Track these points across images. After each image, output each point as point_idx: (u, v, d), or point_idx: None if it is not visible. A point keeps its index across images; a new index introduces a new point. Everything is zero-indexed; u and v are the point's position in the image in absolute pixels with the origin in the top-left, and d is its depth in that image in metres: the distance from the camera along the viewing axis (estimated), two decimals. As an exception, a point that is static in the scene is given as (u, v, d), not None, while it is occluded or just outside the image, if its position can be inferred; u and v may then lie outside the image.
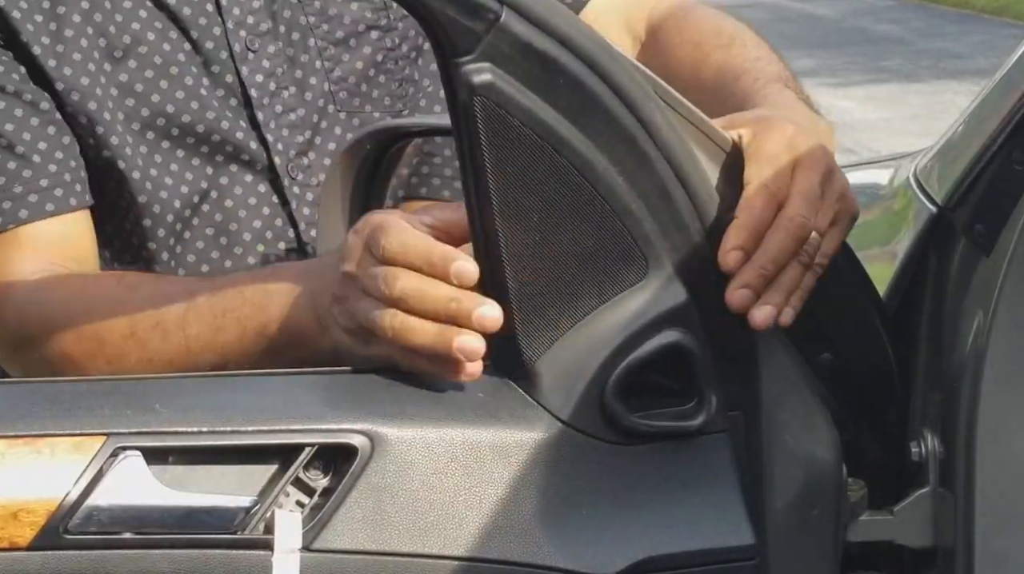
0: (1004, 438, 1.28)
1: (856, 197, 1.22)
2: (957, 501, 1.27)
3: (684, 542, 1.12)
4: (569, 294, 1.12)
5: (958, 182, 1.38)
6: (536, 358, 1.12)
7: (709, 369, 1.13)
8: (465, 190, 1.09)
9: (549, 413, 1.12)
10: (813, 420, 1.26)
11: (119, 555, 1.04)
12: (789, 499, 1.22)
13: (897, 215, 1.71)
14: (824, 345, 1.28)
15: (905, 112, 8.90)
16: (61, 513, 1.03)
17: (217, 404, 1.09)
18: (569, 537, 1.10)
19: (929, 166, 1.62)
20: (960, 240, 1.36)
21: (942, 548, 1.30)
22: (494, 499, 1.09)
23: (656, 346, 1.12)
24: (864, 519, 1.29)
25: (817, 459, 1.25)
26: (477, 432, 1.10)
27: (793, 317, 1.14)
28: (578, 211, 1.10)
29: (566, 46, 1.07)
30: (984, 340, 1.25)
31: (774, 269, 1.13)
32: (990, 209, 1.32)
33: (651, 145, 1.11)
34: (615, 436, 1.12)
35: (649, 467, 1.13)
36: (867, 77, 10.35)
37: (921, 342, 1.37)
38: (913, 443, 1.30)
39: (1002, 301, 1.24)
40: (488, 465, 1.10)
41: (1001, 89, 1.49)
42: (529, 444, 1.11)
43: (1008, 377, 1.27)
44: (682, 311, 1.12)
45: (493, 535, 1.09)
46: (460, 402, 1.12)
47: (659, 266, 1.12)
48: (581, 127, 1.09)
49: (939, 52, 11.36)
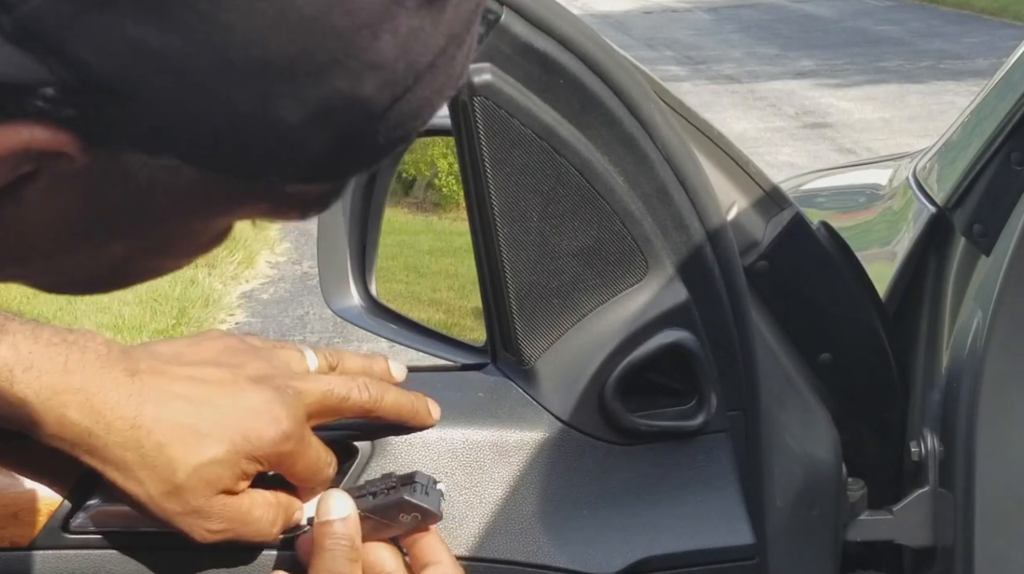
0: (1004, 438, 1.28)
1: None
2: (957, 501, 1.27)
3: (684, 542, 1.12)
4: (569, 294, 1.12)
5: (957, 182, 1.39)
6: (536, 358, 1.12)
7: (709, 369, 1.13)
8: (465, 190, 1.10)
9: (549, 413, 1.12)
10: (813, 420, 1.26)
11: (119, 555, 1.04)
12: (789, 499, 1.22)
13: (897, 215, 1.71)
14: (824, 345, 1.28)
15: (904, 112, 8.91)
16: (61, 513, 1.03)
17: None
18: (569, 537, 1.10)
19: (929, 166, 1.62)
20: (959, 240, 1.36)
21: (942, 548, 1.30)
22: (494, 499, 1.09)
23: (656, 346, 1.12)
24: (864, 519, 1.29)
25: (817, 459, 1.25)
26: (477, 432, 1.10)
27: None
28: (578, 211, 1.10)
29: (566, 46, 1.07)
30: (984, 340, 1.25)
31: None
32: (989, 209, 1.32)
33: (651, 145, 1.11)
34: (615, 436, 1.12)
35: (649, 467, 1.13)
36: (866, 77, 10.36)
37: (921, 342, 1.37)
38: (913, 443, 1.30)
39: (1001, 301, 1.24)
40: (488, 465, 1.10)
41: (1001, 89, 1.50)
42: (529, 444, 1.11)
43: (1008, 377, 1.27)
44: (682, 311, 1.12)
45: (493, 535, 1.09)
46: (460, 402, 1.12)
47: (659, 266, 1.12)
48: (581, 127, 1.09)
49: (938, 53, 11.36)
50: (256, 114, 0.49)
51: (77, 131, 0.48)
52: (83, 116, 0.48)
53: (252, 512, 0.99)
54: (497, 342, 1.15)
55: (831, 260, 1.26)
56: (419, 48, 0.51)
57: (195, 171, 0.50)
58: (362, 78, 0.50)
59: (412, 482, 1.02)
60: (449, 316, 4.47)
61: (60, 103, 0.47)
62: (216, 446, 0.96)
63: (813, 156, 7.48)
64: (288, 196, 0.54)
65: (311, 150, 0.51)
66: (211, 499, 0.97)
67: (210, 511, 0.97)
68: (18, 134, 0.48)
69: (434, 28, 0.51)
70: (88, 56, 0.47)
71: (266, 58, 0.48)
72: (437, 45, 0.52)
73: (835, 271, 1.26)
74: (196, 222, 0.56)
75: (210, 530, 0.98)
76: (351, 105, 0.50)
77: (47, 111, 0.48)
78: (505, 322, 1.11)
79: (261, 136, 0.50)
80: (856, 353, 1.29)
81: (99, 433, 0.94)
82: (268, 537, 1.00)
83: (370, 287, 1.46)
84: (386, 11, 0.49)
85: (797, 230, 1.25)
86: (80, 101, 0.48)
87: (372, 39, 0.49)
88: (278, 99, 0.49)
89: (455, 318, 4.44)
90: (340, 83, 0.50)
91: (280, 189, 0.53)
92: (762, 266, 1.24)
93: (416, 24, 0.50)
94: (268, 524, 1.00)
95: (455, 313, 4.52)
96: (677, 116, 1.17)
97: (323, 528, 1.00)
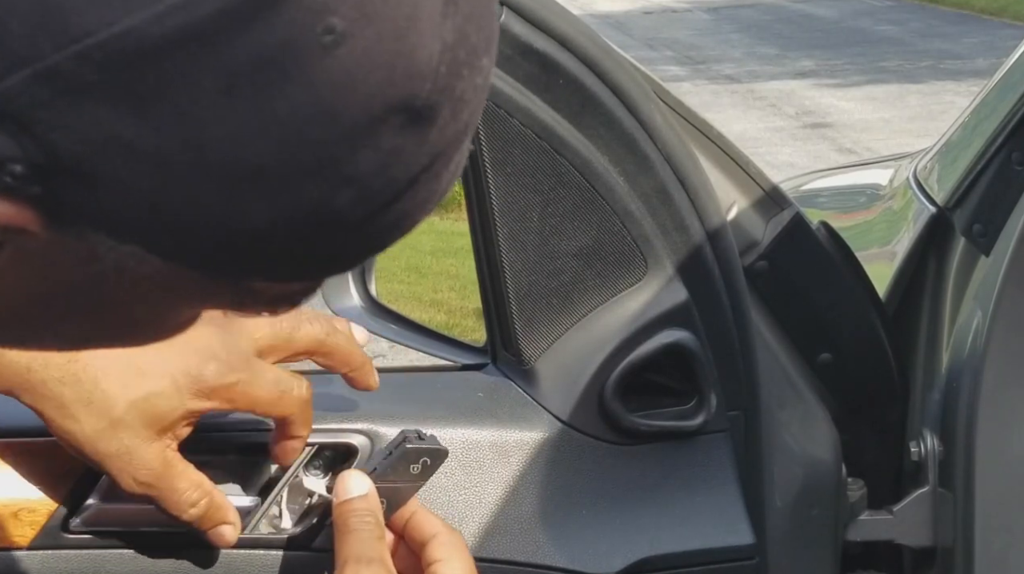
0: (1004, 438, 1.28)
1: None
2: (956, 501, 1.27)
3: (684, 542, 1.12)
4: (569, 294, 1.12)
5: (958, 182, 1.39)
6: (536, 358, 1.12)
7: (709, 369, 1.13)
8: (465, 190, 1.10)
9: (549, 413, 1.12)
10: (813, 420, 1.26)
11: (119, 555, 1.04)
12: (789, 499, 1.22)
13: (897, 215, 1.71)
14: (824, 345, 1.28)
15: (904, 112, 8.91)
16: (61, 513, 1.03)
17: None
18: (569, 537, 1.10)
19: (929, 166, 1.62)
20: (959, 240, 1.36)
21: (941, 547, 1.30)
22: (494, 499, 1.09)
23: (656, 346, 1.12)
24: (864, 519, 1.29)
25: (817, 459, 1.25)
26: (477, 432, 1.10)
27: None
28: (578, 211, 1.10)
29: (565, 46, 1.07)
30: (983, 340, 1.25)
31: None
32: (989, 209, 1.32)
33: (651, 145, 1.11)
34: (615, 436, 1.12)
35: (649, 467, 1.13)
36: (866, 78, 10.36)
37: (921, 342, 1.37)
38: (913, 443, 1.30)
39: (1001, 301, 1.24)
40: (488, 465, 1.10)
41: (1001, 90, 1.50)
42: (529, 444, 1.11)
43: (1007, 377, 1.27)
44: (682, 311, 1.12)
45: (493, 535, 1.09)
46: (460, 402, 1.12)
47: (659, 266, 1.12)
48: (580, 127, 1.09)
49: (938, 53, 11.36)
50: (223, 213, 0.48)
51: (42, 209, 0.48)
52: (49, 195, 0.47)
53: (179, 481, 0.97)
54: (497, 342, 1.15)
55: (831, 260, 1.26)
56: (400, 166, 0.50)
57: (160, 261, 0.50)
58: (337, 190, 0.49)
59: (403, 439, 1.02)
60: (450, 317, 4.47)
61: (27, 180, 0.47)
62: (156, 381, 0.95)
63: (813, 156, 7.48)
64: (254, 292, 0.53)
65: (278, 253, 0.50)
66: (147, 443, 0.95)
67: (143, 457, 0.95)
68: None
69: (418, 147, 0.50)
70: (59, 139, 0.46)
71: (238, 158, 0.47)
72: (420, 164, 0.50)
73: (835, 271, 1.26)
74: (158, 311, 0.55)
75: (136, 480, 0.96)
76: (322, 215, 0.49)
77: (13, 187, 0.47)
78: (505, 322, 1.11)
79: (227, 234, 0.49)
80: (856, 353, 1.29)
81: (37, 369, 0.93)
82: (181, 515, 0.98)
83: (370, 287, 1.46)
84: (367, 127, 0.48)
85: (797, 230, 1.25)
86: (47, 181, 0.47)
87: (351, 153, 0.48)
88: (247, 201, 0.48)
89: (456, 319, 4.45)
90: (312, 192, 0.49)
91: (246, 286, 0.52)
92: (762, 266, 1.24)
93: (399, 143, 0.49)
94: (187, 503, 0.98)
95: (456, 314, 4.52)
96: (677, 116, 1.16)
97: (345, 506, 0.99)
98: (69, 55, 0.45)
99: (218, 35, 0.45)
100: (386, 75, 0.48)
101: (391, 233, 0.52)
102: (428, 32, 0.48)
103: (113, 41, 0.45)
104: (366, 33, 0.47)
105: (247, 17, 0.45)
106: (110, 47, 0.45)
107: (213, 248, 0.50)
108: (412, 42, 0.48)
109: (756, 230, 1.25)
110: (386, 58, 0.47)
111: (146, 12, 0.45)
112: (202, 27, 0.45)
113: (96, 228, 0.49)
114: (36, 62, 0.45)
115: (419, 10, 0.48)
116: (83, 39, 0.45)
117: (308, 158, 0.48)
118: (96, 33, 0.45)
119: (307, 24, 0.46)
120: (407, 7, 0.48)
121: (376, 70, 0.47)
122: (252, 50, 0.46)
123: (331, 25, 0.46)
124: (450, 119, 0.50)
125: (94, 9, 0.45)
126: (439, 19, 0.49)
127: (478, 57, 0.51)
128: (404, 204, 0.51)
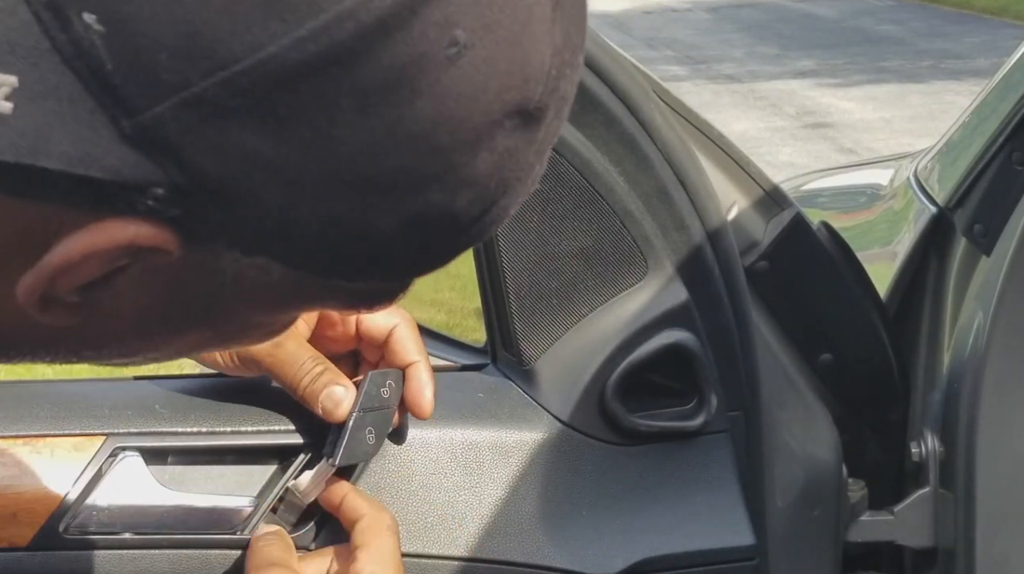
0: (1004, 438, 1.28)
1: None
2: (957, 501, 1.27)
3: (684, 542, 1.12)
4: (569, 294, 1.12)
5: (958, 182, 1.39)
6: (536, 358, 1.12)
7: (709, 369, 1.13)
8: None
9: (549, 413, 1.12)
10: (813, 420, 1.26)
11: (119, 555, 1.04)
12: (789, 499, 1.22)
13: (897, 215, 1.71)
14: (824, 345, 1.28)
15: (905, 112, 8.90)
16: (61, 513, 1.03)
17: (216, 405, 1.09)
18: (569, 537, 1.10)
19: (929, 166, 1.62)
20: (960, 240, 1.36)
21: (942, 548, 1.30)
22: (494, 499, 1.09)
23: (656, 346, 1.12)
24: (864, 519, 1.29)
25: (817, 459, 1.25)
26: (477, 432, 1.10)
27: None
28: (578, 211, 1.10)
29: (566, 46, 1.07)
30: (984, 340, 1.25)
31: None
32: (990, 209, 1.32)
33: (651, 145, 1.11)
34: (615, 436, 1.12)
35: (649, 468, 1.13)
36: (867, 77, 10.36)
37: (921, 342, 1.37)
38: (913, 443, 1.30)
39: (1003, 301, 1.24)
40: (488, 465, 1.10)
41: (1001, 89, 1.50)
42: (529, 444, 1.11)
43: (1008, 377, 1.27)
44: (682, 311, 1.12)
45: (493, 535, 1.09)
46: (460, 402, 1.12)
47: (659, 266, 1.12)
48: (581, 127, 1.09)
49: (939, 52, 11.36)
50: (354, 222, 0.51)
51: (180, 229, 0.50)
52: (188, 216, 0.50)
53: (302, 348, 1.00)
54: (497, 342, 1.14)
55: (831, 260, 1.26)
56: (511, 165, 0.53)
57: (283, 270, 0.53)
58: (457, 193, 0.52)
59: (366, 377, 1.02)
60: (450, 317, 4.47)
61: (168, 203, 0.49)
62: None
63: (814, 156, 7.48)
64: (362, 292, 0.56)
65: (398, 255, 0.53)
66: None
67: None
68: (124, 230, 0.50)
69: (528, 146, 0.53)
70: (204, 162, 0.48)
71: (370, 172, 0.49)
72: (527, 162, 0.53)
73: (835, 271, 1.26)
74: (271, 314, 0.58)
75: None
76: (443, 217, 0.52)
77: (154, 210, 0.49)
78: (505, 322, 1.11)
79: (355, 242, 0.52)
80: (857, 353, 1.29)
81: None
82: (299, 373, 1.00)
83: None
84: (486, 131, 0.51)
85: (797, 230, 1.25)
86: (188, 202, 0.49)
87: (471, 157, 0.51)
88: (376, 210, 0.51)
89: (457, 318, 4.44)
90: (436, 197, 0.51)
91: (359, 286, 0.55)
92: (762, 266, 1.24)
93: (512, 144, 0.52)
94: (312, 361, 1.00)
95: (457, 313, 4.52)
96: (677, 116, 1.16)
97: (253, 541, 1.01)
98: (216, 82, 0.47)
99: (354, 56, 0.47)
100: (505, 81, 0.50)
101: (492, 227, 0.55)
102: (540, 37, 0.51)
103: (257, 67, 0.47)
104: (486, 42, 0.49)
105: (381, 37, 0.47)
106: (255, 73, 0.47)
107: (339, 255, 0.52)
108: (527, 48, 0.50)
109: (756, 230, 1.25)
110: (505, 65, 0.50)
111: (288, 38, 0.47)
112: (339, 50, 0.47)
113: (230, 244, 0.51)
114: (183, 90, 0.47)
115: (532, 16, 0.50)
116: (229, 66, 0.47)
117: (434, 165, 0.50)
118: (242, 60, 0.47)
119: (434, 39, 0.48)
120: (522, 14, 0.50)
121: (496, 77, 0.50)
122: (385, 68, 0.48)
123: (455, 38, 0.49)
124: (554, 117, 0.53)
125: (239, 37, 0.47)
126: (549, 24, 0.51)
127: (578, 56, 0.54)
128: (508, 199, 0.54)
